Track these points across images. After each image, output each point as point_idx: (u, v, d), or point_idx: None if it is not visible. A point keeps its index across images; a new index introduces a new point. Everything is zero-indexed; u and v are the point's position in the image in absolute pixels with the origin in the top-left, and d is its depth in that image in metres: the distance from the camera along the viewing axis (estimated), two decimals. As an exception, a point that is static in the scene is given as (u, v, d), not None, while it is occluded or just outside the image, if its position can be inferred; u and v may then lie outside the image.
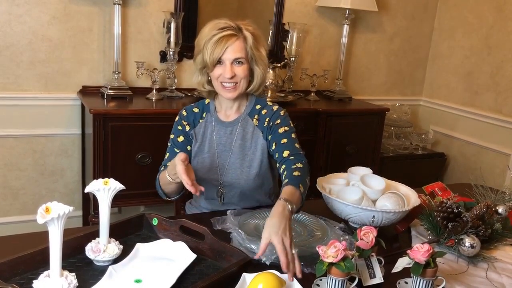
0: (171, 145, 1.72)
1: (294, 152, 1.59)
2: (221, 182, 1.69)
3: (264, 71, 1.66)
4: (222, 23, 1.58)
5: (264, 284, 1.10)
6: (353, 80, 3.57)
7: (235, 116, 1.71)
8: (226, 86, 1.60)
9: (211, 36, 1.56)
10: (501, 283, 1.35)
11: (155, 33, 2.82)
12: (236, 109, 1.71)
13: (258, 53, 1.62)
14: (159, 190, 1.64)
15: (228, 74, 1.57)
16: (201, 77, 1.67)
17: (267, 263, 1.28)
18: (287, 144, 1.62)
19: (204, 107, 1.75)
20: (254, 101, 1.72)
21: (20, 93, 2.60)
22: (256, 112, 1.70)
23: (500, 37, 3.30)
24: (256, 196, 1.73)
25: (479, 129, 3.46)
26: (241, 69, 1.59)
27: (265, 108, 1.71)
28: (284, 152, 1.59)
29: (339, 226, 1.51)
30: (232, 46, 1.56)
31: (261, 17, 3.20)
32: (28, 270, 1.16)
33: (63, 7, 2.59)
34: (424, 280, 1.18)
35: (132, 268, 1.22)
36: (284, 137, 1.63)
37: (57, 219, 1.02)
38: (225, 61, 1.57)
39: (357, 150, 3.08)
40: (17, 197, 2.73)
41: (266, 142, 1.68)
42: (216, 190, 1.71)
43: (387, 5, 3.51)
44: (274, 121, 1.67)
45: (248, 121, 1.70)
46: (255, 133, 1.69)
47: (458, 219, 1.46)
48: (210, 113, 1.73)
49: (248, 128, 1.69)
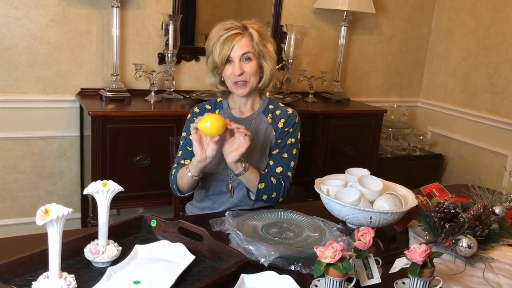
0: (183, 143, 1.77)
1: (285, 173, 1.73)
2: (231, 176, 1.72)
3: (273, 66, 1.73)
4: (228, 24, 1.65)
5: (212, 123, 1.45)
6: (351, 81, 3.58)
7: (250, 113, 1.77)
8: (237, 83, 1.67)
9: (218, 37, 1.63)
10: (498, 283, 1.35)
11: (153, 35, 2.83)
12: (250, 106, 1.78)
13: (265, 49, 1.69)
14: (173, 185, 1.72)
15: (237, 71, 1.63)
16: (214, 78, 1.74)
17: (265, 264, 1.28)
18: (285, 160, 1.74)
19: (217, 104, 1.81)
20: (267, 101, 1.81)
21: (18, 95, 2.61)
22: (270, 111, 1.78)
23: (497, 38, 3.31)
24: None
25: (476, 130, 3.47)
26: (250, 66, 1.65)
27: (279, 109, 1.79)
28: (277, 168, 1.73)
29: (337, 227, 1.52)
30: (239, 44, 1.63)
31: (259, 19, 3.17)
32: (27, 271, 1.16)
33: (62, 9, 2.59)
34: (422, 281, 1.19)
35: (131, 269, 1.23)
36: (286, 151, 1.74)
37: (56, 221, 1.03)
38: (233, 59, 1.64)
39: (355, 151, 3.09)
40: (16, 200, 2.73)
41: (276, 141, 1.75)
42: (226, 184, 1.74)
43: (384, 7, 3.52)
44: (289, 127, 1.76)
45: (262, 118, 1.77)
46: (268, 129, 1.75)
47: (455, 220, 1.46)
48: (223, 110, 1.79)
49: (262, 124, 1.76)
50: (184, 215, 1.87)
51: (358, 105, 3.34)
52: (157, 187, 2.47)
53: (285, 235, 1.47)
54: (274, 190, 1.68)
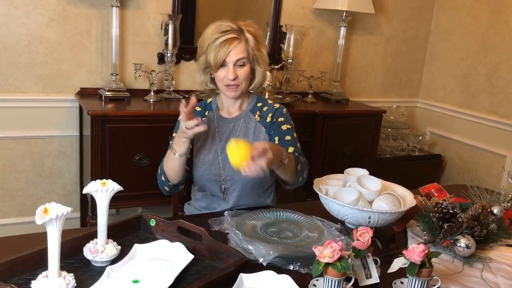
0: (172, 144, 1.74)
1: (298, 151, 1.70)
2: (223, 177, 1.72)
3: (265, 70, 1.74)
4: (224, 25, 1.63)
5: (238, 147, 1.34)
6: (350, 82, 3.59)
7: (238, 113, 1.77)
8: (229, 86, 1.66)
9: (214, 39, 1.61)
10: (496, 283, 1.36)
11: (153, 35, 2.83)
12: (238, 106, 1.77)
13: (259, 53, 1.69)
14: (161, 176, 1.70)
15: (231, 76, 1.63)
16: (204, 76, 1.74)
17: (264, 264, 1.28)
18: (291, 141, 1.71)
19: (206, 105, 1.81)
20: (255, 99, 1.80)
21: (18, 95, 2.61)
22: (258, 109, 1.78)
23: (496, 39, 3.32)
24: (256, 191, 1.76)
25: (475, 130, 3.48)
26: (243, 71, 1.66)
27: (266, 106, 1.79)
28: (289, 148, 1.68)
29: (336, 227, 1.52)
30: (235, 50, 1.62)
31: (258, 19, 3.21)
32: (26, 270, 1.16)
33: (61, 9, 2.59)
34: (420, 280, 1.19)
35: (130, 268, 1.23)
36: (288, 134, 1.72)
37: (56, 220, 1.03)
38: (228, 64, 1.63)
39: (354, 152, 3.09)
40: (15, 199, 2.73)
41: (268, 136, 1.74)
42: (219, 185, 1.73)
43: (384, 8, 3.53)
44: (277, 118, 1.75)
45: (250, 117, 1.77)
46: (257, 128, 1.75)
47: (453, 220, 1.47)
48: (212, 111, 1.79)
49: (250, 124, 1.75)
50: (183, 215, 1.88)
51: (357, 105, 3.34)
52: (156, 187, 2.46)
53: (284, 234, 1.47)
54: (305, 168, 1.69)
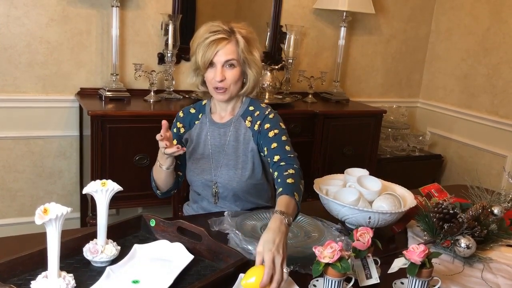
0: None
1: (284, 156, 1.58)
2: (215, 183, 1.70)
3: (258, 74, 1.67)
4: (215, 26, 1.60)
5: (257, 277, 1.11)
6: (350, 82, 3.59)
7: (229, 118, 1.72)
8: (217, 89, 1.62)
9: (204, 39, 1.58)
10: (496, 283, 1.35)
11: (153, 35, 2.83)
12: (230, 110, 1.73)
13: (251, 56, 1.63)
14: (153, 183, 1.70)
15: (218, 77, 1.59)
16: (195, 78, 1.70)
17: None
18: (277, 148, 1.60)
19: (201, 108, 1.78)
20: (248, 102, 1.73)
21: (18, 95, 2.61)
22: (249, 113, 1.71)
23: (496, 39, 3.32)
24: (250, 198, 1.73)
25: (475, 131, 3.48)
26: (232, 73, 1.60)
27: (258, 110, 1.71)
28: (275, 157, 1.58)
29: (336, 227, 1.52)
30: (223, 50, 1.58)
31: (259, 19, 3.22)
32: (26, 271, 1.16)
33: (62, 9, 2.59)
34: (420, 281, 1.19)
35: (129, 269, 1.23)
36: (274, 141, 1.62)
37: (55, 220, 1.03)
38: (216, 64, 1.59)
39: (355, 152, 3.09)
40: (15, 199, 2.73)
41: (256, 146, 1.68)
42: (211, 190, 1.72)
43: (384, 8, 3.53)
44: (264, 125, 1.66)
45: (241, 122, 1.71)
46: (247, 135, 1.69)
47: (454, 220, 1.47)
48: (205, 114, 1.75)
49: (241, 130, 1.70)
50: (182, 215, 1.88)
51: (358, 105, 3.34)
52: (156, 187, 2.47)
53: (284, 235, 1.47)
54: (300, 180, 1.52)
